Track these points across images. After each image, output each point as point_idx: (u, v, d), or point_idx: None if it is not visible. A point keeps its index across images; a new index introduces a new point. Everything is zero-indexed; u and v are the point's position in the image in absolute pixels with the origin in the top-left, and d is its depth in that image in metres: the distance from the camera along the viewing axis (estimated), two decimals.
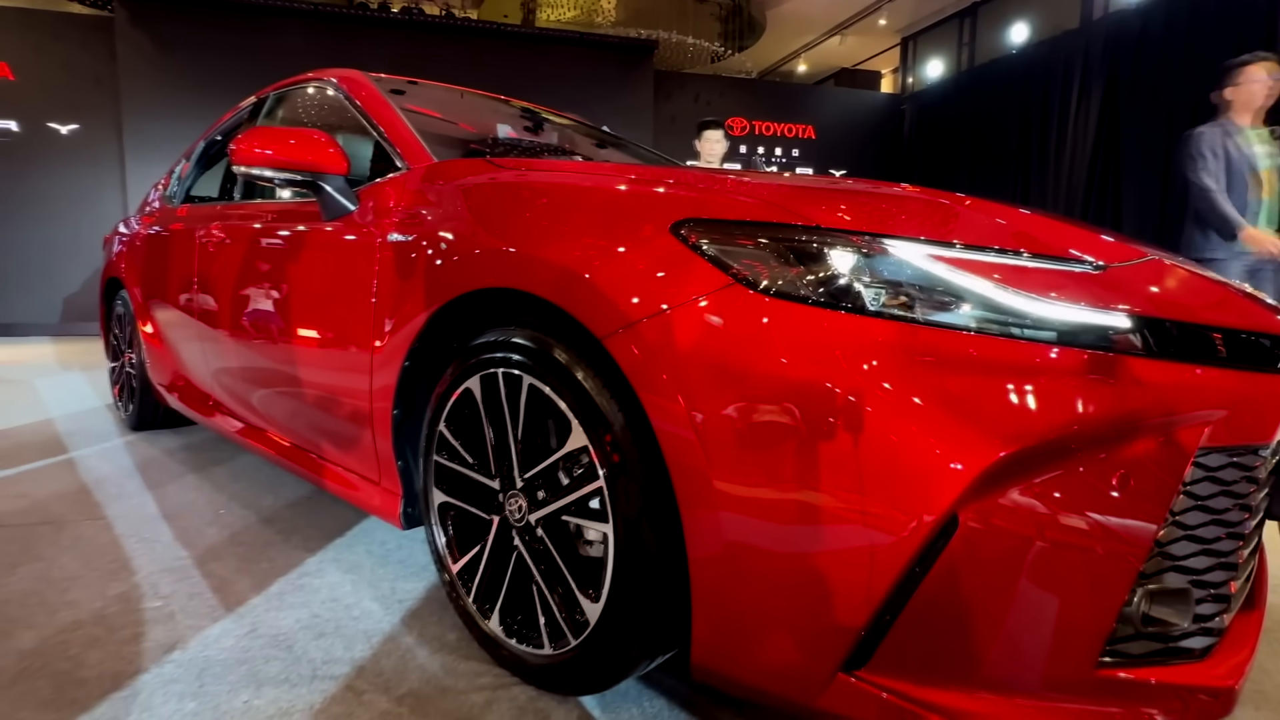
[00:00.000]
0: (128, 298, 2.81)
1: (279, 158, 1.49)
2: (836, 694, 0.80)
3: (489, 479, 1.20)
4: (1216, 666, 0.82)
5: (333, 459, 1.64)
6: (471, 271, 1.16)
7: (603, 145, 2.56)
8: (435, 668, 1.22)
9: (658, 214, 0.96)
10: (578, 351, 1.02)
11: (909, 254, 0.84)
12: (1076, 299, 0.82)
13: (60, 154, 7.42)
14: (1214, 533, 0.83)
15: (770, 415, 0.81)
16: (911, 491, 0.75)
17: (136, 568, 1.62)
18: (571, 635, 1.06)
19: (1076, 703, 0.77)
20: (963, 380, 0.77)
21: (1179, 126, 6.54)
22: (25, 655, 1.25)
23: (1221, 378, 0.83)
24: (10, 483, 2.25)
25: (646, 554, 0.95)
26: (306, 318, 1.61)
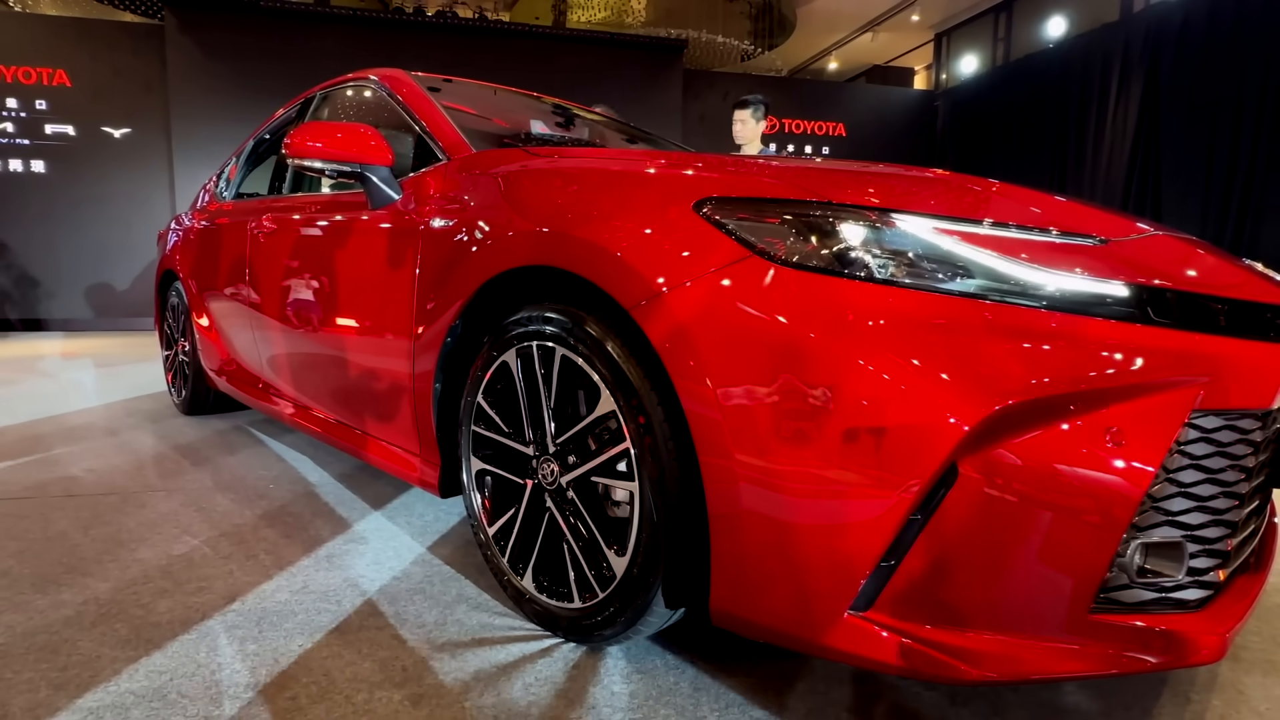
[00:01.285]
0: (182, 289, 2.97)
1: (329, 150, 1.59)
2: (843, 633, 0.86)
3: (523, 446, 1.28)
4: (1209, 617, 0.86)
5: (375, 433, 1.74)
6: (509, 251, 1.25)
7: (632, 140, 2.64)
8: (473, 623, 1.31)
9: (681, 193, 1.03)
10: (608, 324, 1.10)
11: (916, 227, 0.90)
12: (1075, 269, 0.87)
13: (113, 157, 7.76)
14: (1209, 490, 0.87)
15: (784, 374, 0.88)
16: (913, 443, 0.81)
17: (196, 533, 1.74)
18: (599, 588, 1.14)
19: (1071, 643, 0.82)
20: (964, 342, 0.83)
21: (1223, 125, 6.41)
22: (102, 602, 1.37)
23: (1216, 344, 0.88)
24: (77, 458, 2.41)
25: (669, 509, 1.02)
26: (353, 301, 1.72)
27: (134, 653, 1.19)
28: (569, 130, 2.45)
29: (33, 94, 7.50)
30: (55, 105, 7.54)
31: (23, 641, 1.22)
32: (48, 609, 1.34)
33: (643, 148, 2.54)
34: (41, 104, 7.52)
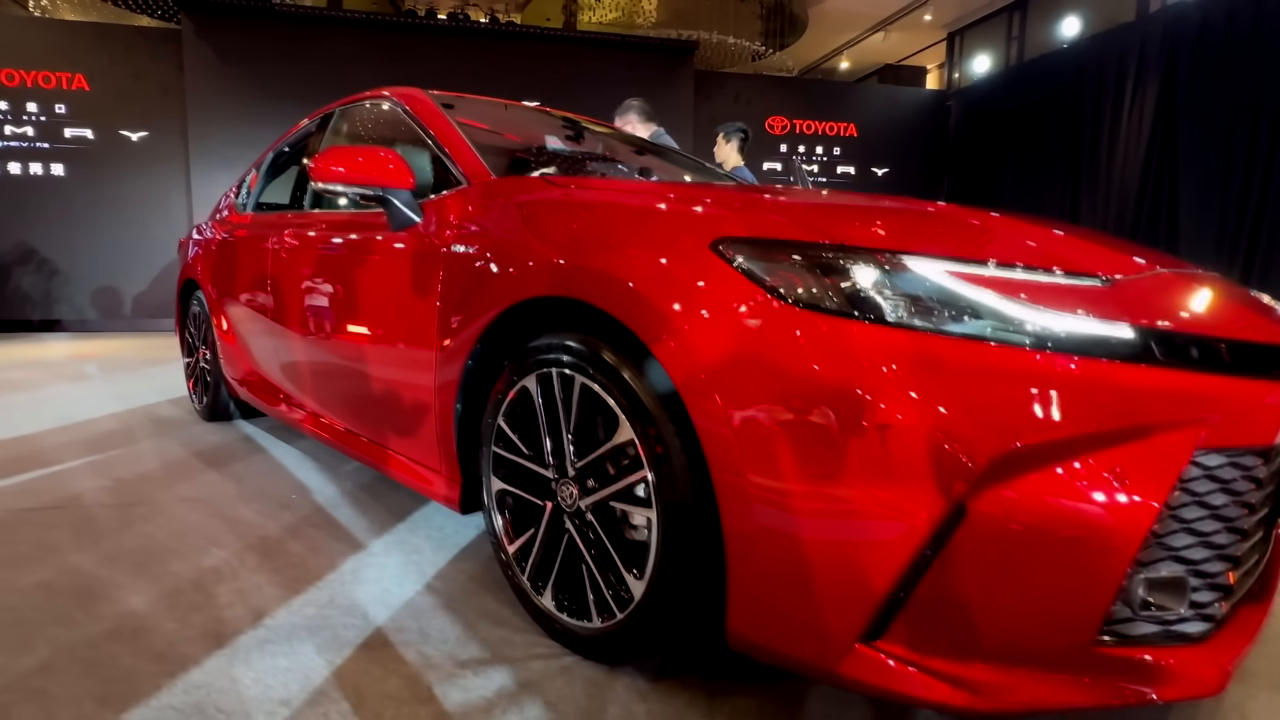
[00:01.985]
0: (203, 298, 3.04)
1: (352, 175, 1.64)
2: (855, 662, 0.90)
3: (543, 468, 1.32)
4: (1211, 649, 0.89)
5: (397, 449, 1.79)
6: (530, 281, 1.29)
7: (642, 152, 2.67)
8: (495, 638, 1.35)
9: (698, 232, 1.06)
10: (626, 355, 1.13)
11: (927, 270, 0.93)
12: (1083, 311, 0.90)
13: (131, 160, 7.87)
14: (1211, 527, 0.90)
15: (798, 413, 0.91)
16: (924, 483, 0.84)
17: (224, 545, 1.79)
18: (617, 610, 1.18)
19: (1075, 676, 0.85)
20: (973, 383, 0.86)
21: (1241, 129, 6.36)
22: (139, 615, 1.42)
23: (1220, 384, 0.90)
24: (104, 466, 2.47)
25: (686, 536, 1.06)
26: (375, 319, 1.76)
27: (171, 667, 1.24)
28: (581, 145, 2.48)
29: (52, 98, 7.61)
30: (74, 109, 7.65)
31: (65, 654, 1.27)
32: (86, 622, 1.39)
33: (656, 161, 2.57)
34: (61, 108, 7.64)
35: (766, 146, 9.52)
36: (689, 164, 2.75)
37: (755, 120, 9.45)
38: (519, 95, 8.46)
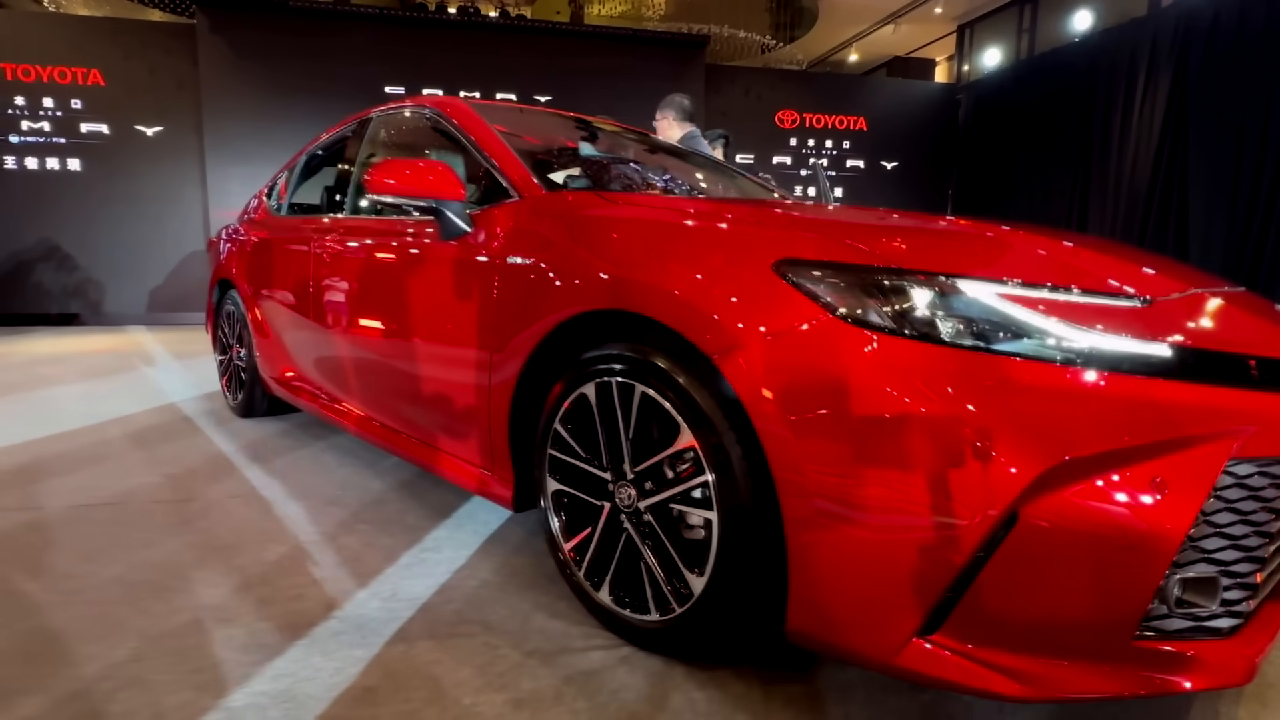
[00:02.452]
0: (239, 298, 3.11)
1: (406, 187, 1.71)
2: (912, 655, 0.98)
3: (600, 470, 1.40)
4: (1239, 644, 0.96)
5: (447, 449, 1.87)
6: (589, 295, 1.36)
7: (675, 154, 2.73)
8: (554, 630, 1.43)
9: (760, 253, 1.13)
10: (685, 365, 1.21)
11: (979, 292, 1.00)
12: (1124, 331, 0.97)
13: (146, 155, 7.92)
14: (1241, 531, 0.98)
15: (859, 426, 0.98)
16: (978, 492, 0.91)
17: (282, 540, 1.88)
18: (676, 604, 1.26)
19: (1115, 667, 0.93)
20: (1023, 400, 0.93)
21: (1252, 127, 6.38)
22: (216, 609, 1.51)
23: (1252, 399, 0.97)
24: (150, 463, 2.56)
25: (746, 536, 1.13)
26: (426, 325, 1.84)
27: (256, 657, 1.32)
28: (618, 152, 2.55)
29: (68, 93, 7.66)
30: (90, 104, 7.70)
31: (155, 646, 1.36)
32: (167, 614, 1.48)
33: (689, 168, 2.63)
34: (77, 103, 7.69)
35: (776, 141, 9.55)
36: (724, 173, 2.82)
37: (765, 114, 9.49)
38: (531, 90, 8.51)
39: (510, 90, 8.24)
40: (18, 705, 1.17)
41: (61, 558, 1.75)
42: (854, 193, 9.81)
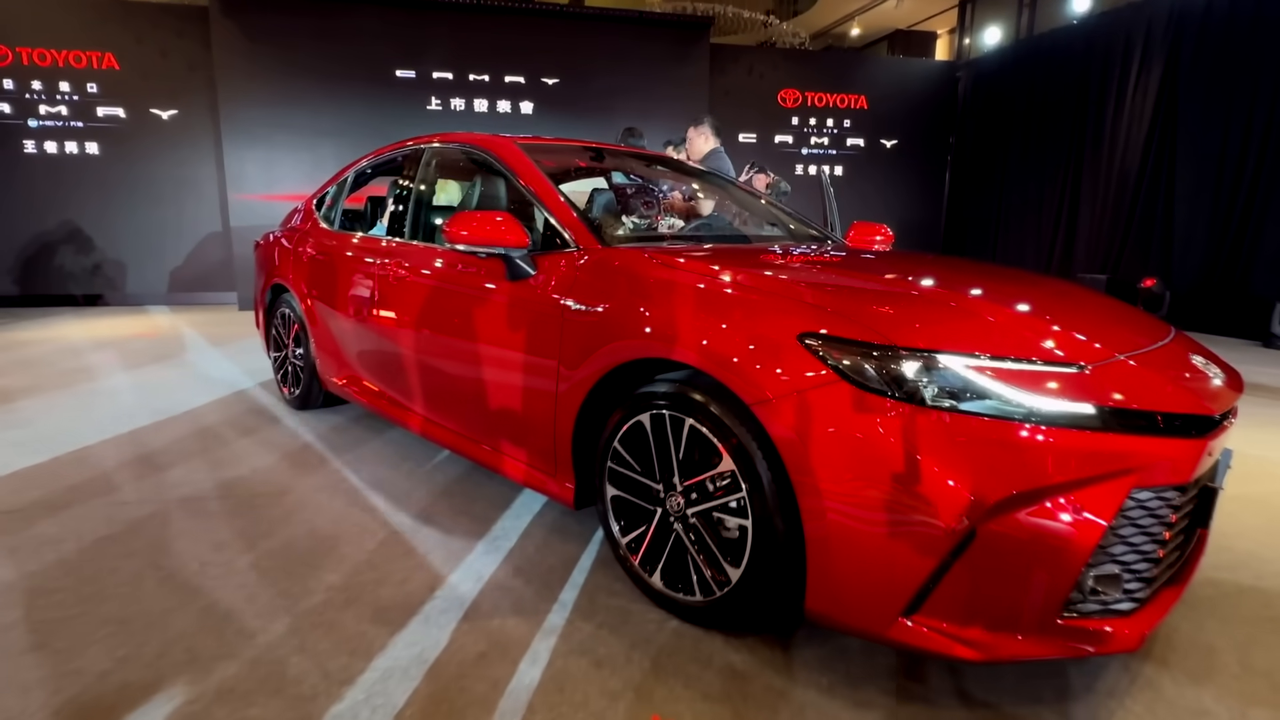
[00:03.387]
0: (295, 304, 3.42)
1: (478, 237, 2.02)
2: (899, 630, 1.34)
3: (653, 482, 1.75)
4: (1135, 621, 1.33)
5: (511, 454, 2.22)
6: (647, 344, 1.69)
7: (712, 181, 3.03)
8: (615, 607, 1.80)
9: (788, 324, 1.46)
10: (729, 408, 1.55)
11: (953, 364, 1.33)
12: (1062, 394, 1.31)
13: (163, 138, 8.09)
14: (1140, 540, 1.33)
15: (863, 466, 1.33)
16: (948, 513, 1.26)
17: (374, 531, 2.24)
18: (716, 589, 1.62)
19: (1045, 638, 1.30)
20: (983, 447, 1.27)
21: (1238, 113, 6.63)
22: (340, 589, 1.87)
23: (1155, 444, 1.32)
24: (236, 457, 2.91)
25: (774, 538, 1.49)
26: (495, 351, 2.16)
27: (387, 629, 1.69)
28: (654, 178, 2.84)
29: (83, 77, 7.80)
30: (105, 88, 7.85)
31: (304, 620, 1.72)
32: (304, 595, 1.84)
33: (721, 193, 2.93)
34: (93, 87, 7.83)
35: (779, 120, 9.72)
36: (742, 197, 3.12)
37: (768, 93, 9.64)
38: (539, 72, 8.65)
39: (518, 73, 8.38)
40: (219, 669, 1.53)
41: (197, 547, 2.10)
42: (854, 170, 10.02)
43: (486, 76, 8.31)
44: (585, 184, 3.26)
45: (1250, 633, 1.72)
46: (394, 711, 1.40)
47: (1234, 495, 2.62)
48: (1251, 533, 2.31)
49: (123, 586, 1.87)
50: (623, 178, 3.01)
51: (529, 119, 8.48)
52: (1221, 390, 1.53)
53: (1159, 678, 1.54)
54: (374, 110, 8.00)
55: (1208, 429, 1.41)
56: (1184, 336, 1.80)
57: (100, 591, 1.85)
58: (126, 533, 2.19)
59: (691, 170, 3.30)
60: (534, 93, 8.48)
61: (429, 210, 2.86)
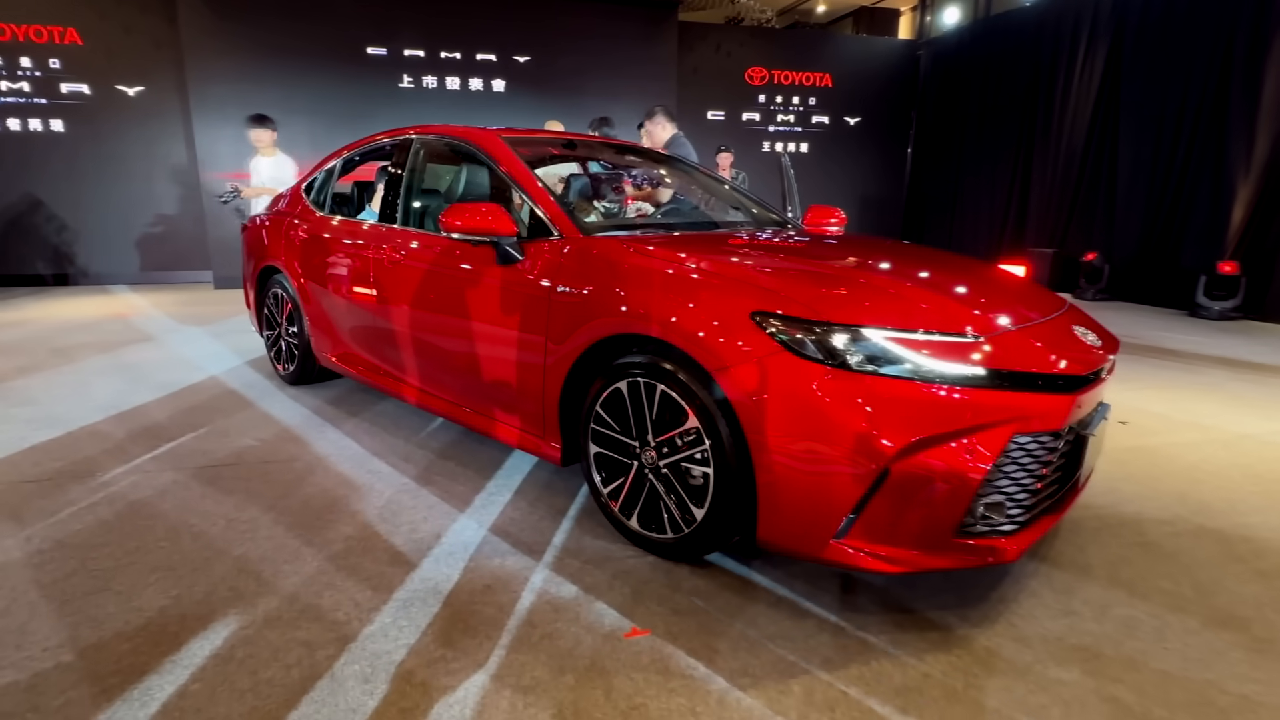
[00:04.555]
0: (289, 284, 3.61)
1: (472, 226, 2.27)
2: (831, 550, 1.66)
3: (630, 440, 2.04)
4: (1016, 540, 1.67)
5: (503, 420, 2.49)
6: (624, 322, 1.97)
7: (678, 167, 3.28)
8: (598, 547, 2.10)
9: (741, 303, 1.75)
10: (694, 375, 1.84)
11: (875, 335, 1.64)
12: (960, 359, 1.63)
13: (130, 115, 8.03)
14: (1021, 474, 1.67)
15: (801, 412, 1.63)
16: (867, 455, 1.58)
17: (380, 491, 2.50)
18: (685, 527, 1.93)
19: (945, 554, 1.63)
20: (897, 404, 1.59)
21: (1173, 98, 7.05)
22: (357, 539, 2.14)
23: (1034, 399, 1.65)
24: (240, 428, 3.13)
25: (732, 482, 1.80)
26: (488, 329, 2.42)
27: (403, 569, 1.97)
28: (628, 166, 3.09)
29: (45, 53, 7.69)
30: (69, 64, 7.75)
31: (330, 564, 2.00)
32: (325, 544, 2.11)
33: (689, 180, 3.19)
34: (55, 63, 7.73)
35: (746, 97, 9.93)
36: (706, 181, 3.38)
37: (735, 71, 9.83)
38: (510, 50, 8.71)
39: (489, 50, 8.45)
40: (262, 603, 1.80)
41: (223, 507, 2.35)
42: (819, 148, 10.30)
43: (458, 54, 8.37)
44: (562, 168, 3.50)
45: (1121, 554, 2.09)
46: (419, 630, 1.69)
47: (1132, 446, 3.02)
48: (1140, 476, 2.70)
49: (162, 542, 2.12)
50: (596, 166, 3.25)
51: (501, 97, 8.58)
52: (1094, 353, 1.86)
53: (1041, 588, 1.90)
54: (346, 88, 8.03)
55: (1077, 386, 1.74)
56: (1074, 309, 2.14)
57: (143, 546, 2.09)
58: (154, 497, 2.43)
59: (658, 156, 3.55)
60: (505, 70, 8.57)
61: (418, 196, 3.08)
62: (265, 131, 5.62)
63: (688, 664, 1.58)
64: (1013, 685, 1.52)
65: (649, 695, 1.47)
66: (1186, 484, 2.63)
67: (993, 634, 1.70)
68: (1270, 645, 1.68)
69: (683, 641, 1.66)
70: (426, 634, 1.68)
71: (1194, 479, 2.68)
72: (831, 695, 1.48)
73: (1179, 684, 1.53)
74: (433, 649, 1.62)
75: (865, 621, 1.75)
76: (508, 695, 1.47)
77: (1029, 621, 1.75)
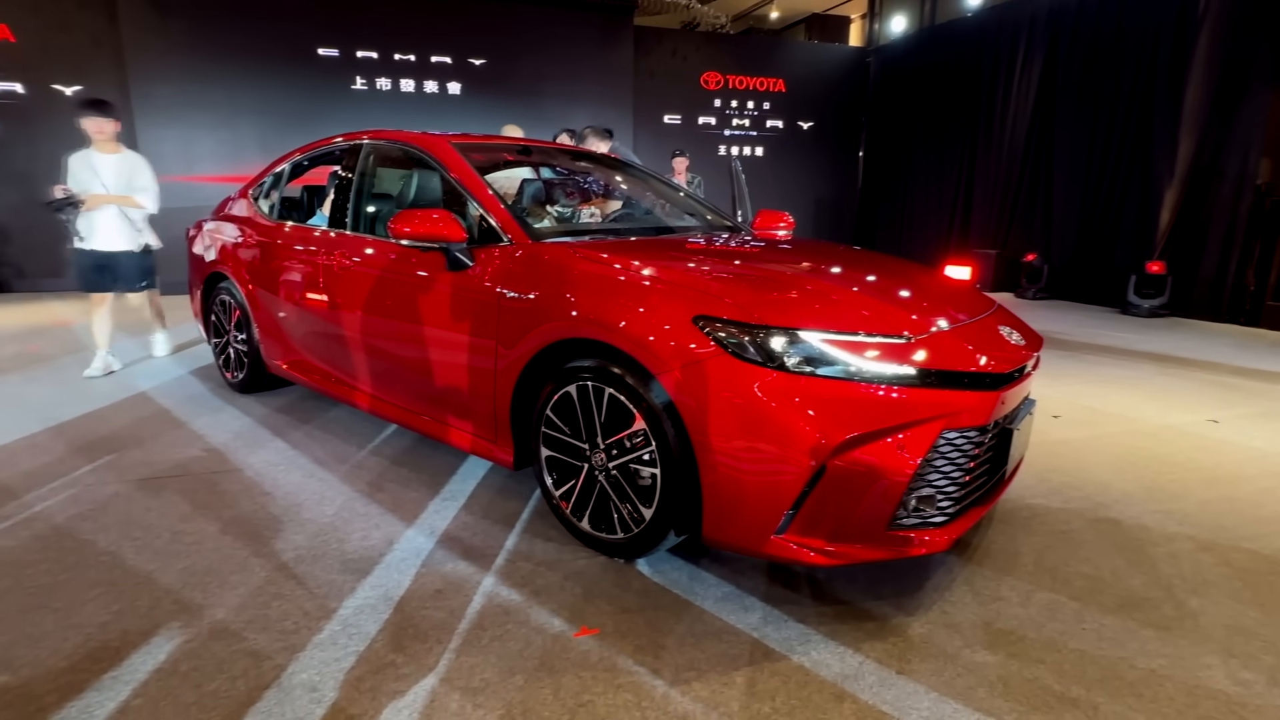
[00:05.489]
0: (237, 291, 3.55)
1: (421, 232, 2.27)
2: (771, 545, 1.72)
3: (581, 442, 2.08)
4: (946, 531, 1.76)
5: (457, 425, 2.50)
6: (571, 328, 2.00)
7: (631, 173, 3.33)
8: (550, 550, 2.13)
9: (685, 308, 1.80)
10: (639, 378, 1.89)
11: (811, 338, 1.71)
12: (891, 359, 1.71)
13: (67, 116, 7.71)
14: (950, 468, 1.76)
15: (743, 417, 1.70)
16: (805, 452, 1.64)
17: (331, 499, 2.49)
18: (634, 526, 1.98)
19: (879, 546, 1.71)
20: (833, 403, 1.66)
21: (1105, 104, 7.39)
22: (308, 548, 2.13)
23: (961, 396, 1.74)
24: (187, 439, 3.07)
25: (678, 481, 1.85)
26: (440, 334, 2.43)
27: (354, 576, 1.97)
28: (579, 171, 3.12)
29: None
30: (1, 61, 7.42)
31: (278, 573, 1.98)
32: (273, 554, 2.09)
33: (640, 186, 3.24)
34: None
35: (702, 102, 10.05)
36: (652, 184, 3.44)
37: (691, 75, 9.94)
38: (465, 53, 8.64)
39: (445, 53, 8.39)
40: (208, 614, 1.79)
41: (167, 520, 2.31)
42: (774, 151, 10.48)
43: (413, 56, 8.29)
44: (516, 173, 3.52)
45: (1047, 541, 2.21)
46: (369, 637, 1.70)
47: (1064, 438, 3.17)
48: (1068, 468, 2.84)
49: (103, 556, 2.08)
50: (549, 172, 3.28)
51: (456, 100, 8.52)
52: (1018, 351, 1.97)
53: (973, 576, 2.00)
54: (296, 89, 7.88)
55: (1002, 383, 1.84)
56: (1001, 310, 2.25)
57: (82, 561, 2.05)
58: (95, 510, 2.37)
59: (612, 162, 3.59)
60: (461, 73, 8.52)
61: (369, 201, 3.06)
62: (105, 121, 4.22)
63: (635, 661, 1.62)
64: (943, 669, 1.60)
65: (596, 692, 1.51)
66: (1110, 474, 2.79)
67: (925, 621, 1.79)
68: (1177, 623, 1.80)
69: (631, 639, 1.70)
70: (377, 640, 1.69)
71: (1118, 469, 2.84)
72: (772, 685, 1.54)
73: (1094, 662, 1.64)
74: (383, 655, 1.63)
75: (806, 614, 1.82)
76: (457, 698, 1.49)
77: (959, 608, 1.85)
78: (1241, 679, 1.59)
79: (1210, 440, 3.23)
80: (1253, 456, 3.02)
